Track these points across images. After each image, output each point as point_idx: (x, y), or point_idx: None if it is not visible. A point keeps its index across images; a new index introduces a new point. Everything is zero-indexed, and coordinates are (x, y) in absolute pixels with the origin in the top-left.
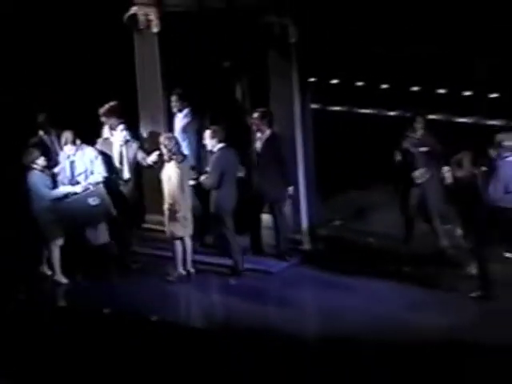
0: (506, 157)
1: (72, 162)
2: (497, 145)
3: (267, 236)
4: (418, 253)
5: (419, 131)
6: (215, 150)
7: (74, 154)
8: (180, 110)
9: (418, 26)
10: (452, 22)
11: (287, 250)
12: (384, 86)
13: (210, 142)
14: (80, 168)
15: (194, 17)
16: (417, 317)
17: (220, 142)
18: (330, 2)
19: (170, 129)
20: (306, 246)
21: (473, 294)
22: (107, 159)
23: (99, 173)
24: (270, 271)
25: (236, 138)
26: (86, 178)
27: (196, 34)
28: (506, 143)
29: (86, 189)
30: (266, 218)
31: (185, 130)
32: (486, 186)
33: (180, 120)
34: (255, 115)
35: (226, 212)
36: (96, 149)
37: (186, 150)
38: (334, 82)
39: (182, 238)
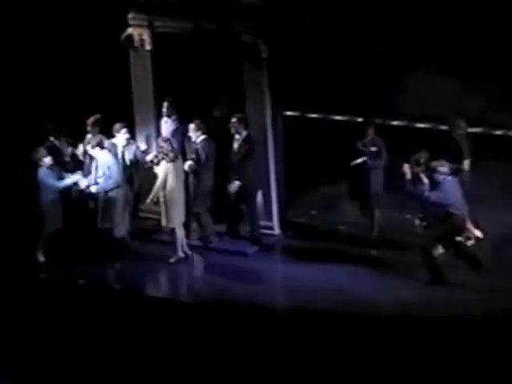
0: (444, 178)
1: (96, 165)
2: (433, 170)
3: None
4: (382, 239)
5: (370, 135)
6: (198, 140)
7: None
8: (169, 116)
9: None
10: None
11: (259, 235)
12: (345, 96)
13: (195, 133)
14: (100, 171)
15: (181, 36)
16: (378, 293)
17: (203, 134)
18: (296, 23)
19: (159, 132)
20: (276, 231)
21: (423, 279)
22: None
23: (113, 179)
24: (245, 252)
25: (215, 139)
26: (104, 181)
27: (183, 51)
28: (440, 169)
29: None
30: (241, 207)
31: (173, 133)
32: (429, 195)
33: (169, 125)
34: (234, 120)
35: (205, 193)
36: (115, 156)
37: None
38: (301, 91)
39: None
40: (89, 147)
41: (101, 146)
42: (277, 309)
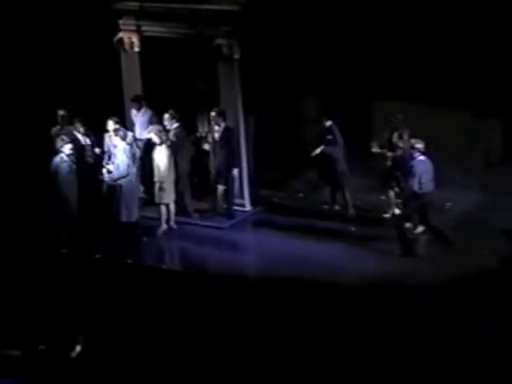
0: (417, 156)
1: (114, 153)
2: (409, 146)
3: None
4: (361, 216)
5: (327, 123)
6: (173, 128)
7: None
8: (139, 109)
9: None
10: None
11: (234, 211)
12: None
13: (170, 122)
14: (113, 159)
15: (165, 40)
16: (354, 264)
17: (176, 122)
18: (265, 29)
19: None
20: (248, 208)
21: (396, 252)
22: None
23: (119, 170)
24: (221, 227)
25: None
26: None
27: (167, 52)
28: (417, 145)
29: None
30: (220, 187)
31: (150, 122)
32: (407, 181)
33: (140, 116)
34: (213, 113)
35: (184, 175)
36: (128, 150)
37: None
38: (270, 86)
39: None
40: (112, 133)
41: (122, 137)
42: (246, 272)
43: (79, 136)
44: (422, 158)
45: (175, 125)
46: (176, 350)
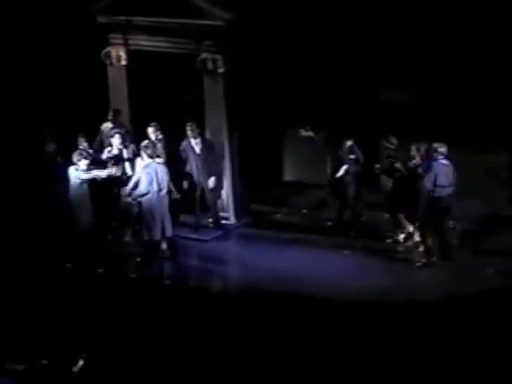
0: (440, 159)
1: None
2: (433, 150)
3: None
4: (365, 233)
5: (348, 143)
6: (158, 139)
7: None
8: (114, 123)
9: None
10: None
11: (218, 223)
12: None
13: (154, 134)
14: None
15: (152, 53)
16: (360, 280)
17: (161, 134)
18: (251, 43)
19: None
20: (232, 221)
21: (418, 264)
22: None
23: (139, 189)
24: (205, 239)
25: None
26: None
27: (153, 65)
28: (440, 149)
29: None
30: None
31: (124, 137)
32: (422, 181)
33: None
34: (188, 127)
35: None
36: (149, 167)
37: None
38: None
39: None
40: (142, 151)
41: (150, 155)
42: (224, 282)
43: (91, 152)
44: (443, 161)
45: (160, 136)
46: (176, 364)
